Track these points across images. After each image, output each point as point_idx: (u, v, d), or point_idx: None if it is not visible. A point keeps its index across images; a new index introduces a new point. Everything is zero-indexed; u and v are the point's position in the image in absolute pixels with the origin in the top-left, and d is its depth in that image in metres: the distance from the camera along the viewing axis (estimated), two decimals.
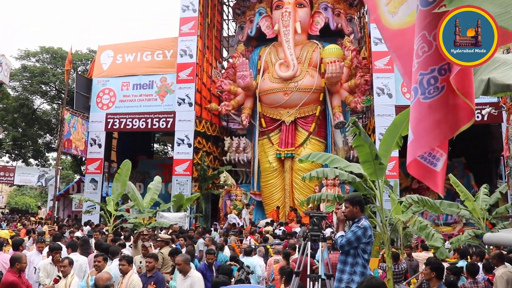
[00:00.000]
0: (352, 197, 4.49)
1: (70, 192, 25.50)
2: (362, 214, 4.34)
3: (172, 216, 14.86)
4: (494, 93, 2.59)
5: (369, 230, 4.20)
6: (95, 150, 20.46)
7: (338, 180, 17.30)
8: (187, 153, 18.66)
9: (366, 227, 4.20)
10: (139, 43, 22.06)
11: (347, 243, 4.20)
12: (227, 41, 25.68)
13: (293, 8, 19.85)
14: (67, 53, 30.25)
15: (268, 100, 19.75)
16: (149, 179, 18.70)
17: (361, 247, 4.19)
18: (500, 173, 17.13)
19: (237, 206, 18.79)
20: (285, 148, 19.13)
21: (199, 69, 19.84)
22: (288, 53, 19.11)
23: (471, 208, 10.58)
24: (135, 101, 20.54)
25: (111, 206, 14.12)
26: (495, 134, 18.21)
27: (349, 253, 4.24)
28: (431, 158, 2.87)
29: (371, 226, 4.28)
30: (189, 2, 19.61)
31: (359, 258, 4.19)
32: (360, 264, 4.18)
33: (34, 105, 33.19)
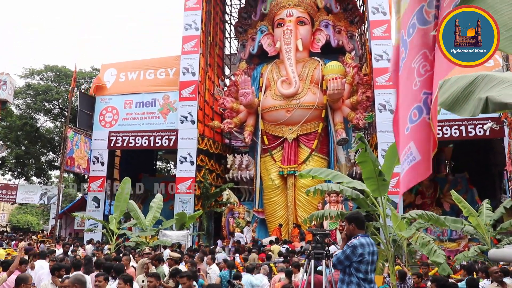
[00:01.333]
0: (349, 215, 4.45)
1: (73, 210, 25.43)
2: (361, 231, 4.27)
3: (174, 235, 14.79)
4: (493, 111, 2.59)
5: (359, 248, 4.07)
6: (98, 168, 20.49)
7: (341, 197, 17.24)
8: (190, 171, 18.65)
9: (355, 245, 4.09)
10: (142, 61, 22.25)
11: (338, 262, 4.18)
12: (229, 59, 25.88)
13: (295, 26, 20.04)
14: (71, 71, 30.65)
15: (270, 117, 19.80)
16: (151, 197, 18.68)
17: (353, 266, 4.11)
18: (504, 188, 17.04)
19: (240, 224, 18.69)
20: (288, 165, 19.10)
21: (202, 87, 19.95)
22: (290, 70, 19.23)
23: (475, 223, 10.51)
24: (138, 119, 20.64)
25: (114, 224, 14.08)
26: (497, 149, 18.18)
27: (345, 272, 4.19)
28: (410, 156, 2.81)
29: (368, 244, 4.12)
30: (192, 21, 19.83)
31: (353, 277, 4.12)
32: (355, 283, 4.10)
33: (37, 123, 33.34)
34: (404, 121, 2.80)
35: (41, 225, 49.04)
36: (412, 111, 2.69)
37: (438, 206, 19.24)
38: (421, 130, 2.65)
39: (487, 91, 2.65)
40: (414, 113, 2.69)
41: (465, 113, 2.74)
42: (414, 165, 2.70)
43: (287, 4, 20.54)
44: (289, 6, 20.49)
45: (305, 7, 20.73)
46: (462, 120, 16.95)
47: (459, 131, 17.07)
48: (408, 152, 2.75)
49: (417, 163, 2.67)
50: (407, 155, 2.77)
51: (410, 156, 2.73)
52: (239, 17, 24.56)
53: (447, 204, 19.10)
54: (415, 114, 2.68)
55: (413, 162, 2.70)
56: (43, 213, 47.74)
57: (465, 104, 2.76)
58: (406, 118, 2.76)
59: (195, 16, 19.90)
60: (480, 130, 16.86)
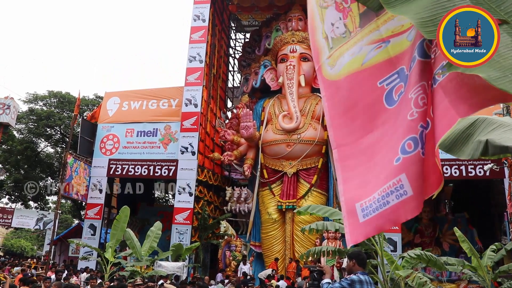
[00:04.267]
0: (351, 252, 4.49)
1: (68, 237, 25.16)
2: (361, 268, 4.26)
3: (170, 266, 14.60)
4: (493, 154, 2.57)
5: (357, 284, 4.06)
6: (96, 196, 20.38)
7: (339, 233, 17.09)
8: (188, 202, 18.54)
9: (354, 280, 4.09)
10: (145, 91, 22.46)
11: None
12: (232, 91, 26.16)
13: (298, 62, 20.35)
14: (74, 98, 30.93)
15: (271, 151, 19.85)
16: (148, 226, 18.51)
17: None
18: (504, 229, 16.92)
19: (236, 257, 18.45)
20: (287, 199, 19.01)
21: (203, 119, 20.08)
22: (292, 105, 19.41)
23: (475, 265, 10.38)
24: (139, 148, 20.68)
25: (109, 252, 13.91)
26: (497, 189, 18.15)
27: None
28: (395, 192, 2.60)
29: (366, 282, 4.11)
30: (196, 53, 20.14)
31: None
32: None
33: (38, 147, 33.40)
34: (393, 151, 2.66)
35: (34, 251, 48.42)
36: (406, 142, 2.58)
37: (437, 245, 19.03)
38: (415, 163, 2.52)
39: (487, 134, 2.66)
40: (408, 144, 2.57)
41: (463, 155, 2.71)
42: (404, 200, 2.52)
43: (291, 40, 20.92)
44: (293, 42, 20.86)
45: (309, 44, 20.90)
46: (462, 160, 16.99)
47: (459, 171, 17.08)
48: (398, 184, 2.56)
49: (409, 198, 2.51)
50: (395, 187, 2.58)
51: (400, 189, 2.55)
52: (243, 51, 24.98)
53: (446, 244, 18.91)
54: (409, 145, 2.56)
55: (404, 196, 2.53)
56: (38, 238, 47.18)
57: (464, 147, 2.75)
58: (396, 148, 2.63)
59: (199, 49, 20.22)
60: (480, 171, 16.87)
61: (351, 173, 3.06)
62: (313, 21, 3.71)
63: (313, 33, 3.72)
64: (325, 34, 3.57)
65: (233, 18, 27.12)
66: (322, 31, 3.60)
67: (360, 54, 3.18)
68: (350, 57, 3.25)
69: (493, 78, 2.17)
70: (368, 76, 3.08)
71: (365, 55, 3.13)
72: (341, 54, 3.32)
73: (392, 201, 2.58)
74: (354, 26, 3.33)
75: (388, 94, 2.91)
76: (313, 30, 3.72)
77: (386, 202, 2.61)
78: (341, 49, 3.36)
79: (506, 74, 2.18)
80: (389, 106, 2.89)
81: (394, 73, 2.93)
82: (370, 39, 3.13)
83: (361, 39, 3.21)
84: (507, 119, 2.81)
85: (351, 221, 2.86)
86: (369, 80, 3.07)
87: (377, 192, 2.69)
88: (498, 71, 2.22)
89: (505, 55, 2.21)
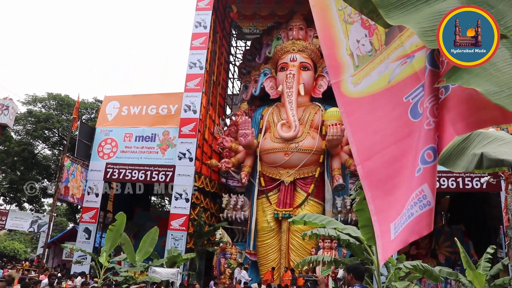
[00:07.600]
0: (349, 265, 4.53)
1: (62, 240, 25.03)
2: (358, 282, 4.26)
3: (164, 272, 14.51)
4: (488, 167, 2.56)
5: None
6: (92, 199, 20.29)
7: (335, 243, 17.06)
8: (184, 208, 18.49)
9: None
10: (145, 96, 22.48)
11: None
12: (231, 99, 26.20)
13: (297, 71, 20.42)
14: (73, 101, 30.93)
15: (269, 159, 19.85)
16: (143, 232, 18.43)
17: None
18: (500, 243, 16.90)
19: (231, 264, 18.38)
20: (283, 208, 18.98)
21: (202, 125, 20.09)
22: (291, 114, 19.44)
23: (471, 277, 10.35)
24: (137, 152, 20.64)
25: (104, 257, 13.82)
26: (493, 202, 18.17)
27: None
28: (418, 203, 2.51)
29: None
30: (197, 60, 20.18)
31: None
32: None
33: (35, 149, 33.33)
34: (415, 161, 2.58)
35: (28, 253, 48.04)
36: (426, 151, 2.51)
37: (432, 257, 19.01)
38: (434, 174, 2.43)
39: (482, 148, 2.67)
40: (428, 154, 2.49)
41: (458, 168, 2.70)
42: (428, 211, 2.43)
43: (292, 49, 21.00)
44: (293, 51, 20.95)
45: (309, 53, 21.18)
46: (459, 172, 17.02)
47: (456, 183, 17.11)
48: (421, 195, 2.46)
49: (431, 209, 2.41)
50: (418, 198, 2.48)
51: (423, 199, 2.44)
52: (244, 58, 25.07)
53: (442, 256, 18.89)
54: (429, 155, 2.48)
55: (428, 207, 2.42)
56: (32, 241, 46.90)
57: (459, 160, 2.75)
58: (417, 159, 2.54)
59: (200, 55, 20.28)
60: (477, 183, 16.90)
61: (380, 191, 2.96)
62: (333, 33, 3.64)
63: (332, 46, 3.64)
64: (350, 50, 3.51)
65: (234, 26, 27.25)
66: (347, 47, 3.56)
67: (386, 72, 3.17)
68: (377, 76, 3.22)
69: (491, 92, 2.17)
70: (394, 93, 3.06)
71: (391, 72, 3.11)
72: (368, 73, 3.29)
73: (416, 212, 2.49)
74: (380, 43, 3.31)
75: (413, 107, 2.88)
76: (332, 43, 3.63)
77: (411, 214, 2.52)
78: (367, 67, 3.34)
79: (503, 89, 2.19)
80: (414, 119, 2.87)
81: (419, 87, 2.91)
82: (396, 56, 3.12)
83: (387, 56, 3.19)
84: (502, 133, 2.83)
85: (384, 241, 2.79)
86: (395, 97, 3.04)
87: (405, 207, 2.60)
88: (495, 85, 2.23)
89: (503, 69, 2.22)
